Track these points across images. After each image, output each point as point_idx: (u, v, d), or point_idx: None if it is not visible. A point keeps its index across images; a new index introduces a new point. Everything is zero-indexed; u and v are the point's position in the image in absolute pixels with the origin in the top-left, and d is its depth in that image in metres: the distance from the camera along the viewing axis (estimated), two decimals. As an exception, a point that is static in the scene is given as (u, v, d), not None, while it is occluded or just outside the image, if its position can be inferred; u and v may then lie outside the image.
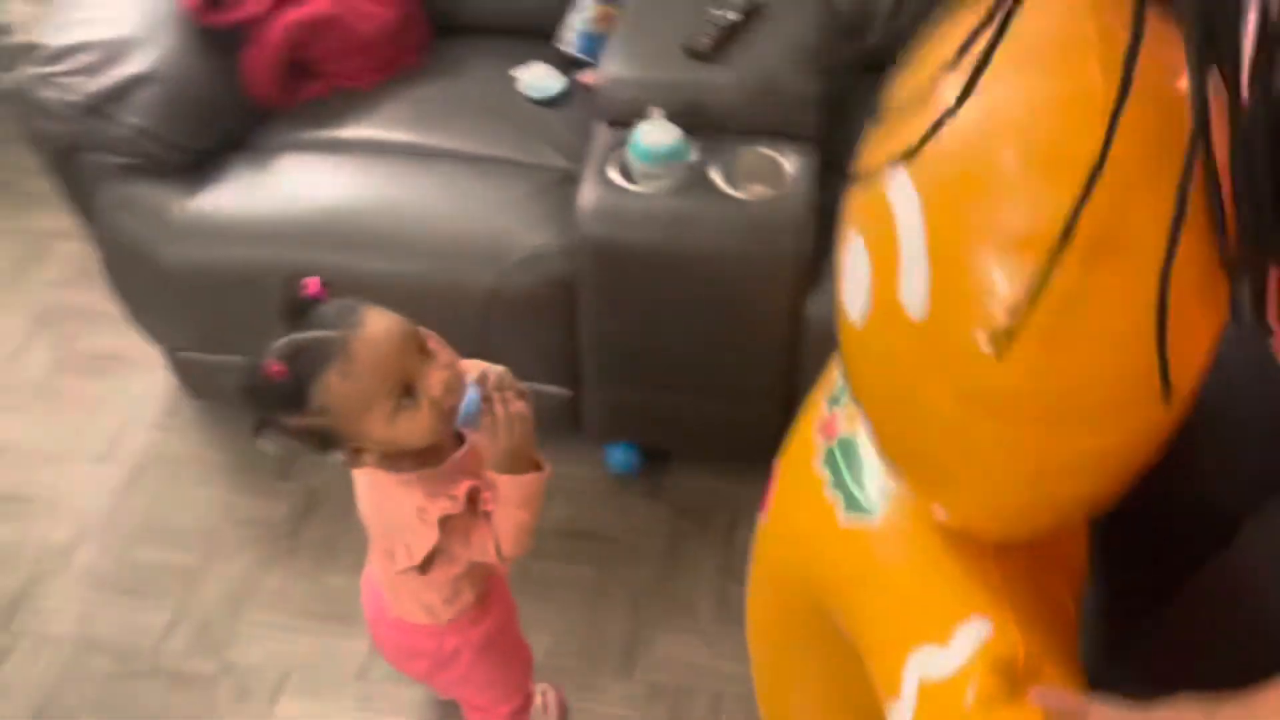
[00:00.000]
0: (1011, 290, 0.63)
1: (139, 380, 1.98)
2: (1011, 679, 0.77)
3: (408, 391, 0.97)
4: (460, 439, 1.10)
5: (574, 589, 1.66)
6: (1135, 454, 0.73)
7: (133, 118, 1.54)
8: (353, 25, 1.72)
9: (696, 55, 1.51)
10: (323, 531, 1.74)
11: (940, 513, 0.84)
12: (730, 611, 1.62)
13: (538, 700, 1.49)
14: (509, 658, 1.34)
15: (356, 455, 1.00)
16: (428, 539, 1.04)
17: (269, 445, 0.98)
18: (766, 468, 1.11)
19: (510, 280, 1.49)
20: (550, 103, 1.74)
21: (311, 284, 1.00)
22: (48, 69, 1.53)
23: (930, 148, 0.66)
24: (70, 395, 1.97)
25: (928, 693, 0.80)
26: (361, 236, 1.52)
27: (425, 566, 1.07)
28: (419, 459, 1.05)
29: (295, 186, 1.57)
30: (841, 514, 0.94)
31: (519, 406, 1.03)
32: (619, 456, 1.79)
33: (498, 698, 1.37)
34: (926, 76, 0.67)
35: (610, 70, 1.53)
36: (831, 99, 1.52)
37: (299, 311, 0.99)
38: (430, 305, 1.51)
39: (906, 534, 0.89)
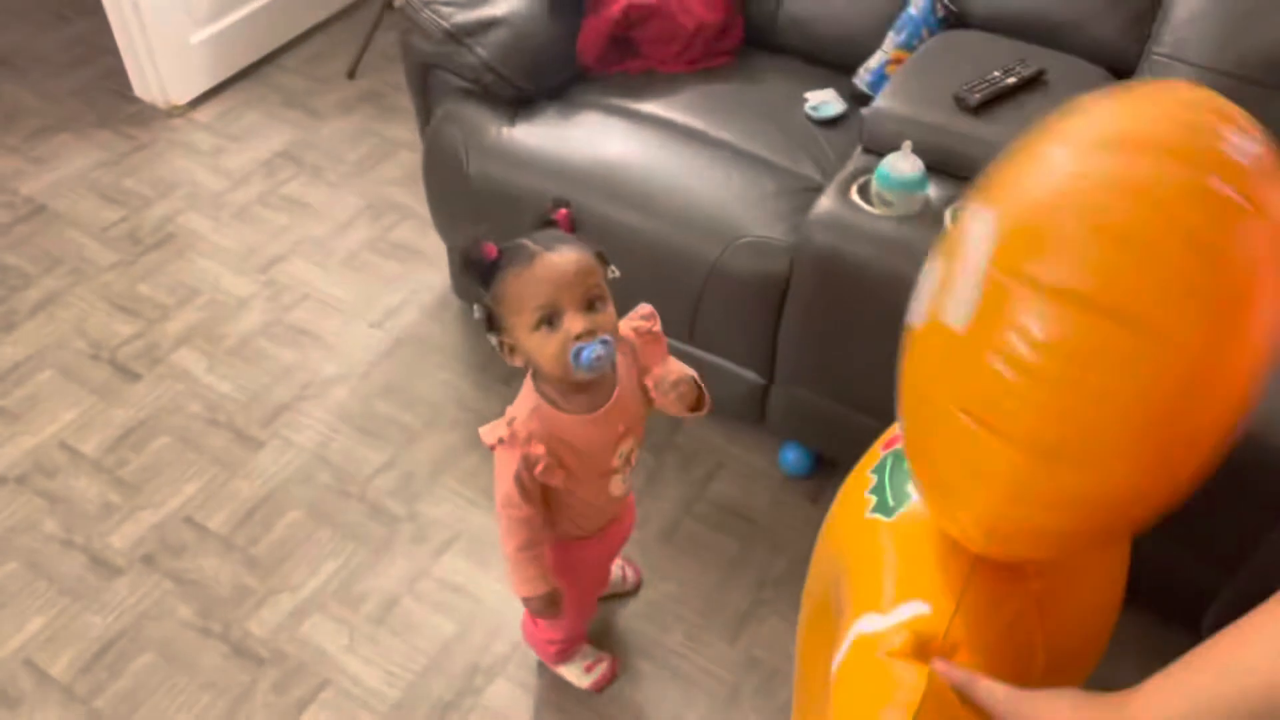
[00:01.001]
0: (1039, 330, 0.73)
1: (426, 274, 2.33)
2: (923, 646, 0.86)
3: (551, 319, 1.14)
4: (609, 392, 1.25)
5: (714, 554, 1.81)
6: (1114, 507, 0.79)
7: (482, 50, 1.85)
8: (679, 19, 1.95)
9: (963, 107, 1.61)
10: (523, 436, 1.98)
11: (936, 517, 0.94)
12: (845, 622, 1.71)
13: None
14: (583, 596, 1.49)
15: (510, 350, 1.20)
16: (492, 435, 1.25)
17: (476, 311, 1.21)
18: None
19: (732, 260, 1.66)
20: (827, 124, 1.89)
21: (561, 212, 1.24)
22: (430, -3, 1.87)
23: (1018, 197, 0.77)
24: (371, 269, 2.35)
25: (858, 641, 0.92)
26: (622, 189, 1.74)
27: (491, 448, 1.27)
28: (580, 396, 1.22)
29: (587, 138, 1.83)
30: (868, 510, 1.05)
31: None
32: (791, 457, 1.91)
33: (573, 626, 1.54)
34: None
35: (879, 103, 1.66)
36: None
37: (541, 225, 1.23)
38: (660, 265, 1.73)
39: (904, 531, 0.99)
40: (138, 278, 2.30)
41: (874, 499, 1.06)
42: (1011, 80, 1.64)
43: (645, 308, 1.31)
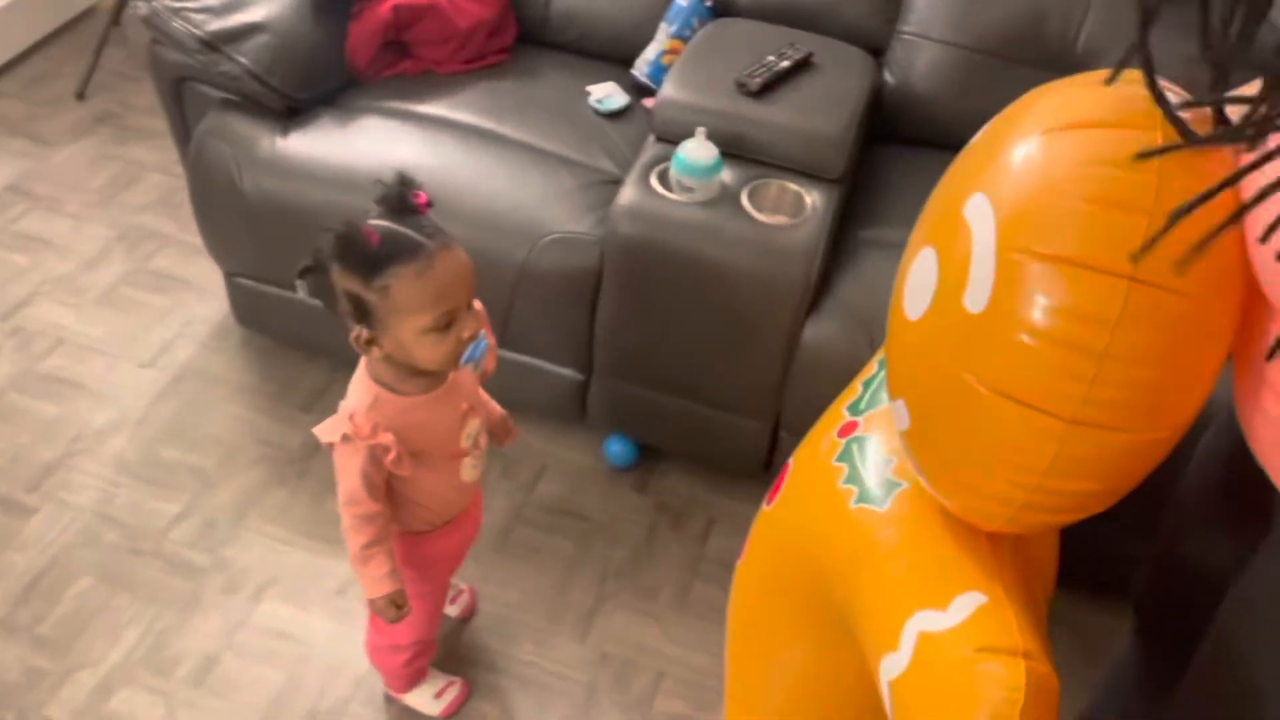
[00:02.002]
0: (1059, 299, 0.77)
1: (196, 304, 2.16)
2: (1005, 636, 0.87)
3: (448, 321, 1.11)
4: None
5: (551, 558, 1.78)
6: (1139, 463, 0.84)
7: (243, 59, 1.72)
8: (451, 17, 1.90)
9: (746, 91, 1.67)
10: (332, 464, 1.87)
11: (950, 500, 0.94)
12: (688, 605, 1.73)
13: (443, 685, 1.56)
14: (413, 591, 1.41)
15: (369, 343, 1.14)
16: (332, 433, 1.19)
17: (303, 289, 1.13)
18: (747, 480, 1.21)
19: (540, 258, 1.64)
20: (612, 117, 1.90)
21: (422, 195, 1.14)
22: (179, 3, 1.72)
23: (1011, 181, 0.81)
24: (133, 305, 2.14)
25: (927, 641, 0.90)
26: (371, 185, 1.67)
27: (329, 449, 1.22)
28: (419, 378, 1.19)
29: (369, 144, 1.74)
30: (853, 501, 1.05)
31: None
32: (615, 449, 1.91)
33: (420, 626, 1.45)
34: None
35: (666, 92, 1.69)
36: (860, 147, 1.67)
37: (402, 210, 1.12)
38: (467, 268, 1.68)
39: (910, 519, 1.00)
40: None
41: (854, 489, 1.05)
42: (786, 64, 1.72)
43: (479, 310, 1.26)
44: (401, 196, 1.12)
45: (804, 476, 1.19)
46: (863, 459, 1.08)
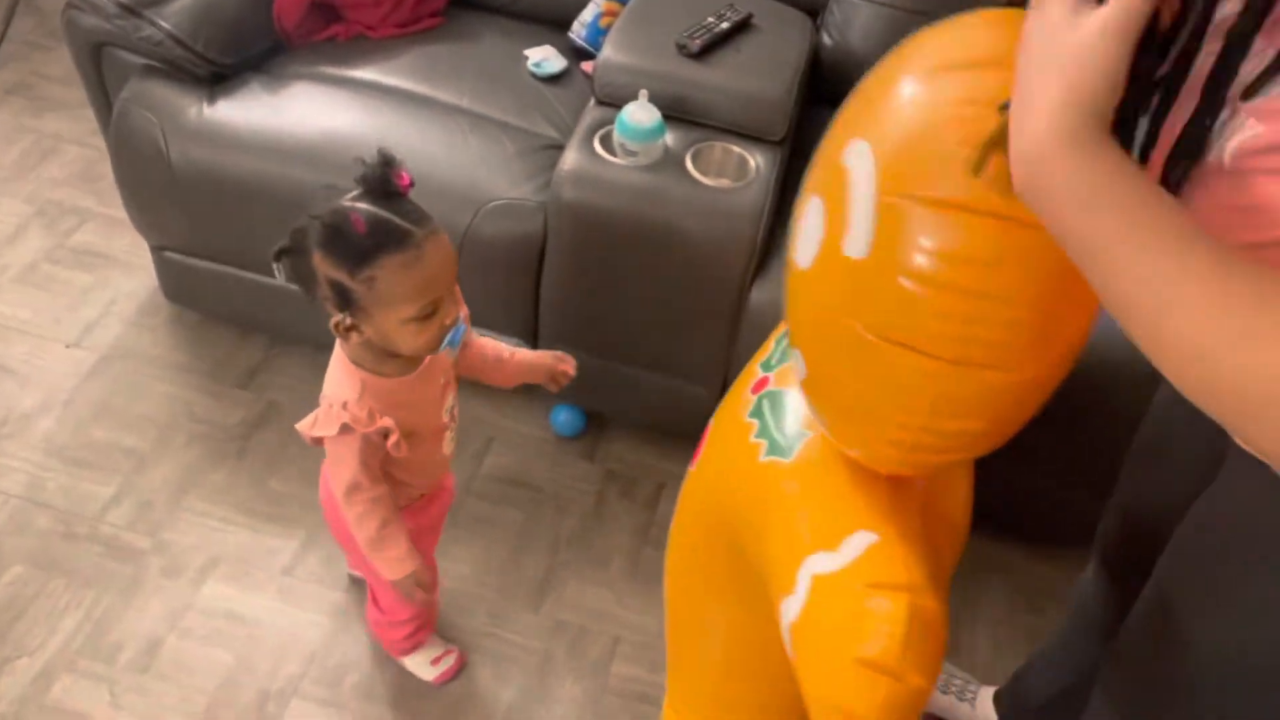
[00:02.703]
0: (939, 242, 0.77)
1: (122, 280, 2.08)
2: (892, 572, 0.89)
3: (433, 310, 1.09)
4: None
5: (501, 529, 1.77)
6: (1024, 401, 0.85)
7: (165, 23, 1.65)
8: (382, -21, 1.85)
9: (686, 53, 1.65)
10: (273, 440, 1.83)
11: (846, 446, 0.96)
12: (640, 570, 1.73)
13: (441, 652, 1.56)
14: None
15: (350, 330, 1.10)
16: (327, 427, 1.14)
17: (280, 273, 1.08)
18: (696, 445, 1.22)
19: (484, 225, 1.61)
20: (550, 81, 1.87)
21: (406, 176, 1.08)
22: (95, -35, 1.65)
23: (889, 124, 0.80)
24: (55, 283, 2.06)
25: (819, 582, 0.92)
26: (353, 163, 1.63)
27: (314, 443, 1.17)
28: (398, 360, 1.16)
29: (301, 110, 1.69)
30: (762, 454, 1.06)
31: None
32: (562, 418, 1.90)
33: (392, 600, 1.44)
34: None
35: (607, 54, 1.67)
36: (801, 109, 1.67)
37: (385, 192, 1.06)
38: (409, 236, 1.64)
39: (812, 467, 1.01)
40: None
41: (764, 442, 1.06)
42: (725, 25, 1.71)
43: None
44: (385, 178, 1.06)
45: (720, 434, 1.20)
46: (773, 412, 1.09)
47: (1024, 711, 1.46)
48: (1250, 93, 0.58)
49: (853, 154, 0.83)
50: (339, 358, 1.19)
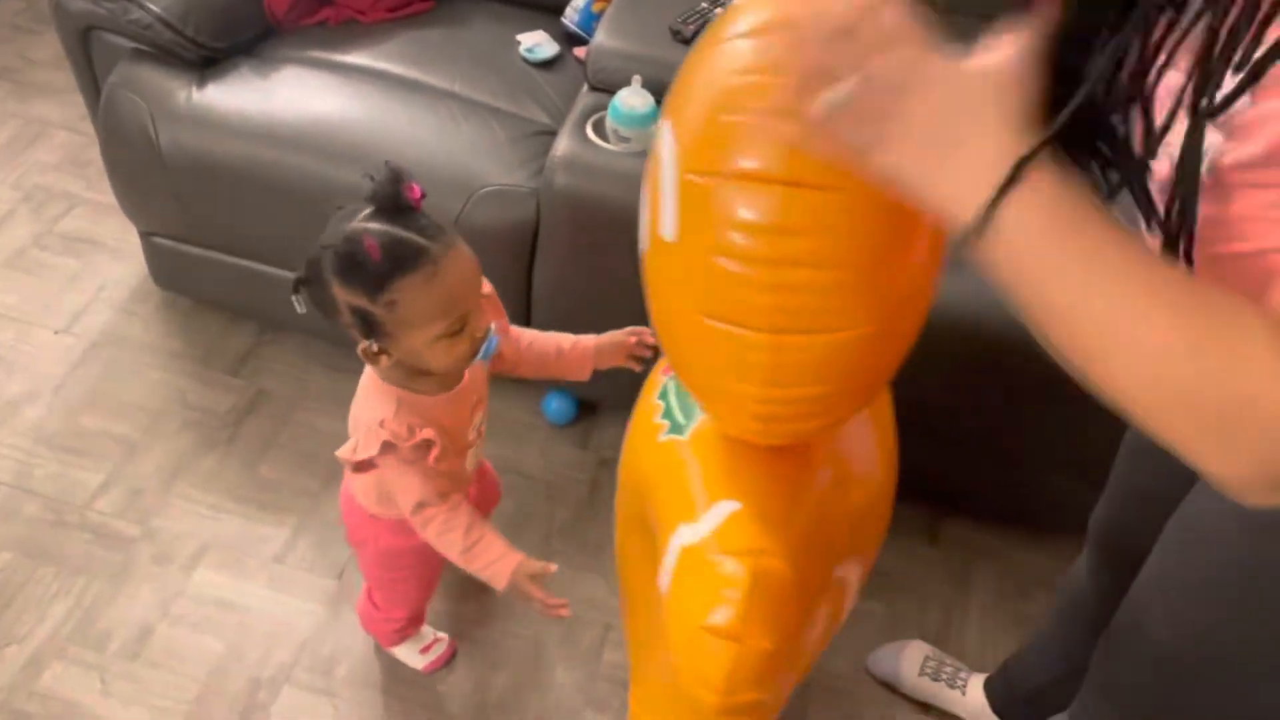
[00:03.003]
0: (746, 216, 0.76)
1: (111, 266, 2.07)
2: (742, 538, 0.91)
3: (461, 325, 1.05)
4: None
5: (495, 517, 1.75)
6: (865, 364, 0.85)
7: (154, 6, 1.64)
8: (372, -38, 1.84)
9: (680, 39, 1.64)
10: (263, 427, 1.83)
11: (714, 420, 0.97)
12: (632, 557, 1.73)
13: (430, 641, 1.56)
14: (409, 576, 1.41)
15: (376, 354, 1.06)
16: (368, 448, 1.09)
17: (300, 304, 1.05)
18: None
19: (476, 212, 1.60)
20: (543, 66, 1.86)
21: (416, 188, 1.04)
22: (82, -52, 1.63)
23: (685, 100, 0.79)
24: (43, 268, 2.05)
25: (685, 552, 0.94)
26: (344, 149, 1.62)
27: (358, 468, 1.12)
28: (433, 378, 1.13)
29: (292, 95, 1.68)
30: (663, 434, 1.08)
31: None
32: (554, 405, 1.90)
33: (390, 600, 1.46)
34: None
35: (600, 40, 1.66)
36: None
37: (397, 209, 1.02)
38: (400, 222, 1.64)
39: (699, 443, 1.02)
40: None
41: (666, 423, 1.08)
42: (719, 10, 1.69)
43: (488, 288, 1.20)
44: (395, 194, 1.01)
45: (636, 418, 1.21)
46: (677, 394, 1.11)
47: (1015, 699, 1.47)
48: (1216, 110, 0.58)
49: (661, 138, 0.83)
50: (370, 378, 1.15)
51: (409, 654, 1.55)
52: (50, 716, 1.44)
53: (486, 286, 1.14)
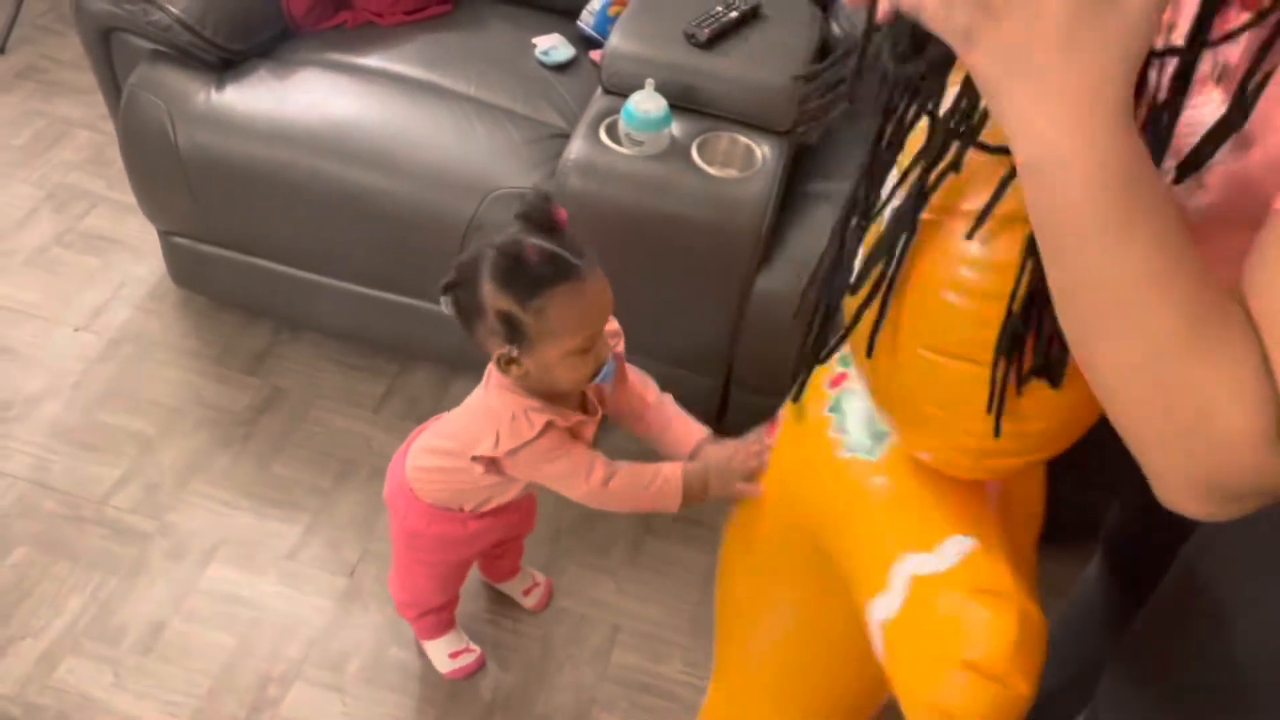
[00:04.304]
0: (979, 251, 0.76)
1: (131, 265, 2.09)
2: (997, 579, 0.89)
3: (591, 344, 1.10)
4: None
5: (501, 516, 1.77)
6: (1078, 397, 0.83)
7: (173, 8, 1.66)
8: (390, -33, 1.85)
9: (694, 43, 1.65)
10: (278, 426, 1.84)
11: (922, 454, 0.95)
12: (641, 559, 1.74)
13: (462, 648, 1.57)
14: (424, 564, 1.42)
15: (510, 362, 1.10)
16: (523, 434, 1.12)
17: (447, 306, 1.10)
18: None
19: (490, 214, 1.61)
20: (558, 69, 1.87)
21: (563, 211, 1.10)
22: (105, -50, 1.65)
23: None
24: (64, 266, 2.07)
25: (920, 583, 0.91)
26: (362, 151, 1.64)
27: (489, 466, 1.16)
28: (550, 397, 1.16)
29: (310, 98, 1.69)
30: (842, 451, 1.05)
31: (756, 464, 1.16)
32: (565, 406, 1.90)
33: (400, 577, 1.47)
34: None
35: (614, 43, 1.67)
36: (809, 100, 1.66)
37: (549, 227, 1.08)
38: (415, 226, 1.65)
39: (899, 466, 1.00)
40: None
41: (843, 439, 1.05)
42: (734, 15, 1.70)
43: (613, 323, 1.22)
44: (548, 213, 1.07)
45: (795, 429, 1.19)
46: (852, 409, 1.08)
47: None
48: (1187, 167, 0.58)
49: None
50: (489, 394, 1.17)
51: (438, 654, 1.55)
52: (64, 709, 1.45)
53: (613, 324, 1.19)
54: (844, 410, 1.09)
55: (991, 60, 0.54)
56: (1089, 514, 1.81)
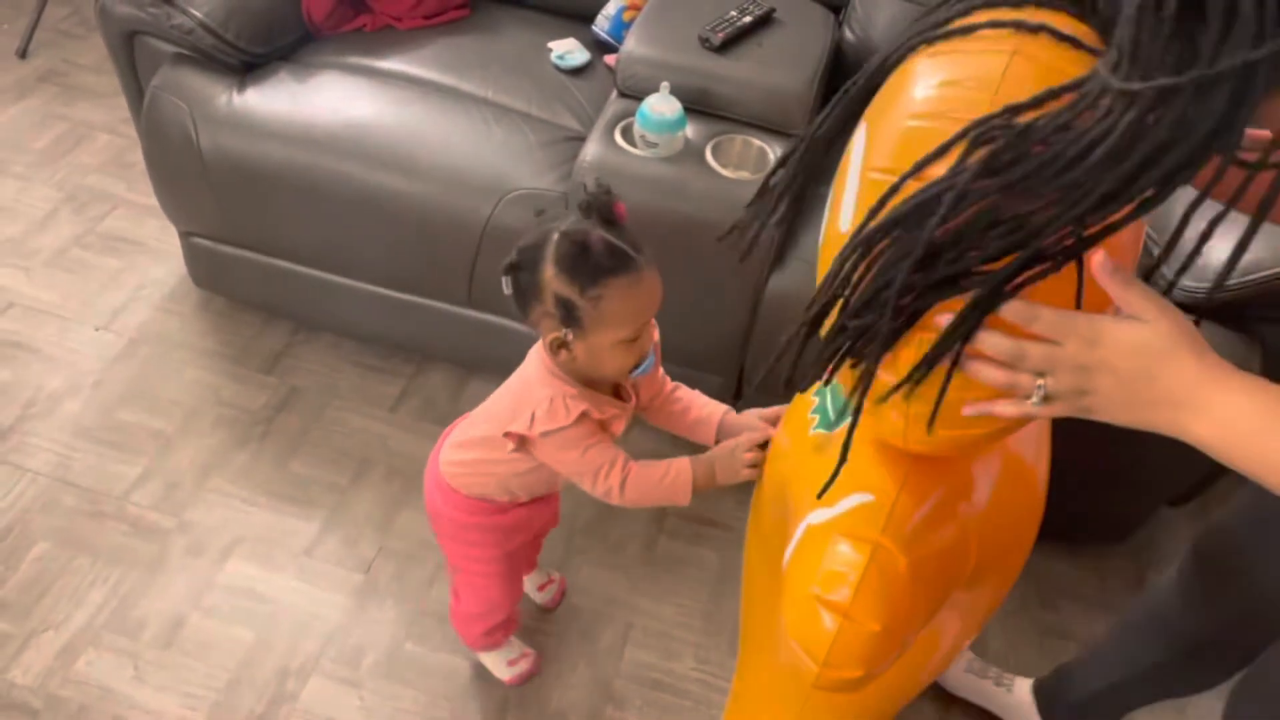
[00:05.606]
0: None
1: (151, 266, 2.12)
2: (867, 528, 0.91)
3: (638, 334, 1.12)
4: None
5: (515, 515, 1.79)
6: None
7: (196, 11, 1.68)
8: (409, -28, 1.88)
9: (708, 46, 1.67)
10: (295, 425, 1.86)
11: (872, 423, 0.96)
12: (654, 557, 1.75)
13: (519, 655, 1.58)
14: (483, 558, 1.40)
15: (562, 346, 1.12)
16: (558, 419, 1.14)
17: (507, 286, 1.11)
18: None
19: (506, 215, 1.63)
20: (574, 73, 1.89)
21: (623, 206, 1.12)
22: (129, -45, 1.68)
23: (883, 103, 0.82)
24: (85, 267, 2.10)
25: (807, 532, 0.95)
26: (380, 153, 1.66)
27: (520, 445, 1.17)
28: (591, 384, 1.19)
29: (330, 100, 1.72)
30: (813, 428, 1.08)
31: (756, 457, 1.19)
32: (579, 407, 1.92)
33: (468, 588, 1.45)
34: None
35: (629, 47, 1.69)
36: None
37: (609, 219, 1.09)
38: (429, 228, 1.68)
39: (844, 437, 1.02)
40: None
41: (817, 417, 1.08)
42: (748, 19, 1.72)
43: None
44: (609, 205, 1.09)
45: (790, 416, 1.22)
46: (834, 390, 1.10)
47: (1064, 705, 1.47)
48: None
49: (856, 136, 0.85)
50: (541, 368, 1.19)
51: (496, 663, 1.56)
52: (85, 701, 1.47)
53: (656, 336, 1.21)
54: (824, 393, 1.12)
55: (1110, 418, 0.73)
56: (1107, 519, 1.82)
